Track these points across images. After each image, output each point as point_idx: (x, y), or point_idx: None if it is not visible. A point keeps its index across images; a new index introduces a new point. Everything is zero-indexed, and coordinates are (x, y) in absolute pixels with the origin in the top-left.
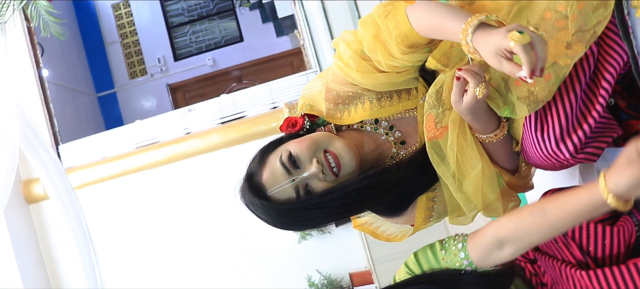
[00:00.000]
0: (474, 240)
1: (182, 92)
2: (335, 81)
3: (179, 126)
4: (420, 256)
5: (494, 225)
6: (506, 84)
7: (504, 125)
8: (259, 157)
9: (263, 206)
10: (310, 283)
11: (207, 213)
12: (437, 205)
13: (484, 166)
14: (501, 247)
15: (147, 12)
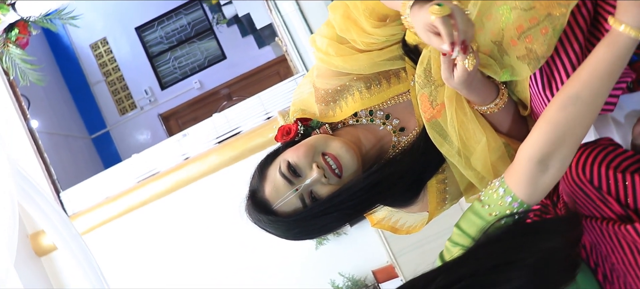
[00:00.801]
0: (513, 176)
1: (175, 119)
2: (321, 76)
3: (177, 153)
4: (463, 225)
5: (527, 149)
6: (501, 47)
7: (504, 92)
8: (258, 172)
9: (271, 222)
10: (335, 288)
11: (219, 234)
12: (449, 186)
13: (489, 139)
14: (546, 167)
15: (126, 47)
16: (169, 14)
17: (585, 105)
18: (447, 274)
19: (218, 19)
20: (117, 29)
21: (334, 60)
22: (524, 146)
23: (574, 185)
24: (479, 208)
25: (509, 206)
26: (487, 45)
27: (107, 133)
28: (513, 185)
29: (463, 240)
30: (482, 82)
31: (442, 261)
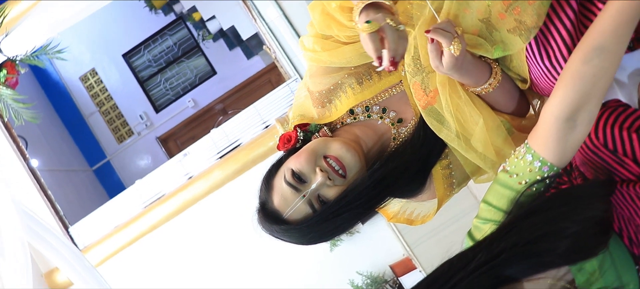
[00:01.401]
0: (539, 139)
1: (173, 140)
2: (313, 76)
3: (180, 173)
4: (492, 199)
5: (554, 108)
6: (489, 24)
7: (497, 71)
8: (265, 184)
9: (284, 231)
10: (355, 287)
11: (232, 247)
12: (455, 171)
13: (486, 119)
14: (575, 125)
15: (115, 74)
16: (154, 37)
17: (610, 54)
18: (488, 249)
19: (203, 35)
20: (105, 58)
21: (321, 56)
22: (549, 106)
23: (588, 151)
24: (507, 179)
25: (539, 171)
26: (474, 25)
27: (107, 163)
28: (540, 149)
29: (494, 215)
30: (472, 63)
31: (472, 240)
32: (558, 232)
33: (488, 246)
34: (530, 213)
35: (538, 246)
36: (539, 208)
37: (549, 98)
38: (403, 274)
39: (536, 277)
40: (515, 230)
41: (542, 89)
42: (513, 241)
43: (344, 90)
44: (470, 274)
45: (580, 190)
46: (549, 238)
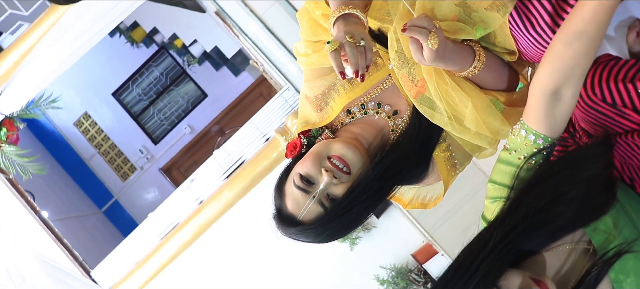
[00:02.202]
0: (530, 115)
1: (176, 169)
2: (307, 81)
3: (190, 199)
4: (496, 178)
5: (538, 84)
6: (466, 6)
7: (480, 53)
8: (277, 192)
9: (301, 232)
10: (381, 282)
11: (255, 261)
12: (455, 152)
13: (474, 101)
14: (559, 97)
15: (108, 114)
16: (140, 71)
17: (589, 39)
18: (502, 226)
19: (188, 60)
20: (95, 100)
21: (313, 58)
22: (534, 82)
23: (589, 108)
24: (507, 156)
25: (534, 144)
26: (452, 11)
27: (115, 203)
28: (532, 123)
29: (499, 192)
30: (455, 51)
31: (486, 221)
32: (562, 196)
33: (501, 224)
34: (534, 184)
35: (547, 214)
36: (540, 178)
37: (534, 75)
38: (426, 260)
39: (554, 246)
40: (523, 203)
41: (531, 57)
42: (522, 214)
43: (336, 90)
44: (489, 254)
45: (577, 153)
46: (555, 204)
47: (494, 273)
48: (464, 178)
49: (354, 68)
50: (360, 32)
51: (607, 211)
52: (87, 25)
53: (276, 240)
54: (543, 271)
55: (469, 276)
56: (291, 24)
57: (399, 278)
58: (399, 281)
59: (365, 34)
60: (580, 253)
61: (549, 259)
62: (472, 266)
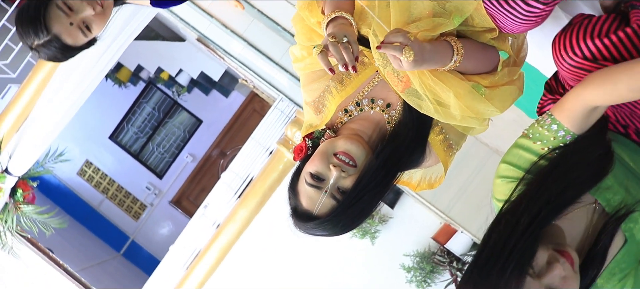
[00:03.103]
0: (564, 113)
1: (185, 199)
2: (304, 86)
3: (207, 225)
4: (512, 160)
5: (585, 95)
6: (442, 3)
7: (458, 47)
8: (291, 192)
9: (318, 226)
10: (407, 269)
11: (283, 272)
12: (448, 133)
13: (456, 90)
14: (598, 110)
15: (109, 158)
16: (132, 109)
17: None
18: (528, 210)
19: (177, 90)
20: (94, 147)
21: (308, 61)
22: (583, 92)
23: (573, 69)
24: (530, 144)
25: (562, 139)
26: (427, 7)
27: (133, 243)
28: (566, 122)
29: (513, 173)
30: (433, 52)
31: (498, 201)
32: (575, 181)
33: (527, 208)
34: (552, 171)
35: (565, 197)
36: (557, 165)
37: (586, 86)
38: (447, 240)
39: (565, 213)
40: (545, 189)
41: (511, 30)
42: (546, 199)
43: (330, 91)
44: (521, 237)
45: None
46: (571, 187)
47: (528, 254)
48: (468, 154)
49: (341, 63)
50: (343, 31)
51: (608, 172)
52: (82, 75)
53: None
54: (563, 240)
55: (505, 260)
56: (273, 37)
57: (424, 263)
58: (424, 266)
59: (348, 31)
60: (588, 213)
61: (563, 227)
62: (506, 251)
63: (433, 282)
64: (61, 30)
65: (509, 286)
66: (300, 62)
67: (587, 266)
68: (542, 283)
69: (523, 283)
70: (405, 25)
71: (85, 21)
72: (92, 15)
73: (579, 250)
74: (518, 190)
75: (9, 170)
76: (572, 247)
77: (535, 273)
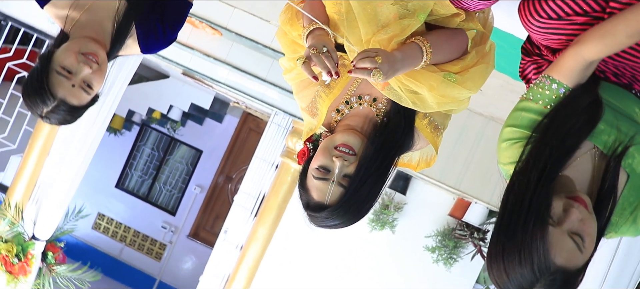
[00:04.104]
0: (562, 71)
1: (202, 230)
2: (297, 94)
3: (230, 248)
4: (516, 122)
5: (583, 51)
6: (401, 2)
7: (426, 47)
8: (301, 189)
9: (331, 214)
10: (431, 250)
11: (314, 278)
12: (433, 117)
13: (429, 84)
14: (594, 63)
15: (119, 206)
16: (132, 154)
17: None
18: (536, 166)
19: (172, 126)
20: (103, 199)
21: (296, 72)
22: (580, 49)
23: (542, 30)
24: (531, 105)
25: (558, 93)
26: (392, 11)
27: (160, 284)
28: (565, 79)
29: (517, 134)
30: (403, 60)
31: (505, 165)
32: (571, 129)
33: (534, 164)
34: (549, 125)
35: (565, 146)
36: (554, 119)
37: (582, 44)
38: (463, 214)
39: (569, 163)
40: (546, 143)
41: (477, 7)
42: (548, 152)
43: (319, 95)
44: (534, 192)
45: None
46: (568, 136)
47: (545, 206)
48: (466, 126)
49: (325, 71)
50: (322, 41)
51: (600, 117)
52: (85, 132)
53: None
54: (573, 187)
55: (525, 216)
56: (255, 55)
57: (446, 240)
58: (447, 243)
59: (327, 41)
60: (591, 158)
61: (571, 176)
62: (524, 208)
63: (459, 257)
64: (65, 94)
65: (534, 239)
66: (289, 73)
67: (600, 207)
68: (563, 229)
69: (547, 233)
70: (377, 32)
71: (85, 80)
72: (91, 73)
73: (590, 194)
74: (526, 150)
75: (36, 235)
76: (583, 192)
77: (555, 222)
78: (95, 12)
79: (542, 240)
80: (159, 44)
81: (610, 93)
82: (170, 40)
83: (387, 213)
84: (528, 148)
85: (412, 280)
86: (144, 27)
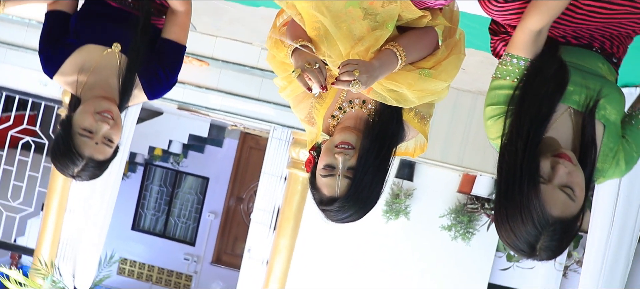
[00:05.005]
0: (517, 46)
1: (224, 254)
2: (294, 108)
3: (256, 265)
4: (493, 100)
5: (529, 24)
6: (369, 15)
7: (400, 52)
8: (313, 190)
9: (344, 205)
10: (448, 228)
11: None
12: (418, 108)
13: (407, 82)
14: (542, 32)
15: (139, 247)
16: (142, 194)
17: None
18: (519, 135)
19: (175, 160)
20: (121, 243)
21: (290, 88)
22: (526, 24)
23: (502, 13)
24: (502, 82)
25: (521, 67)
26: (364, 26)
27: None
28: (522, 52)
29: (498, 110)
30: (381, 67)
31: (495, 138)
32: (545, 96)
33: (518, 134)
34: (525, 96)
35: (542, 112)
36: (527, 90)
37: (526, 18)
38: (471, 188)
39: (550, 125)
40: (524, 112)
41: (437, 5)
42: (529, 119)
43: (314, 106)
44: (523, 158)
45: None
46: (543, 102)
47: (532, 169)
48: (457, 105)
49: (317, 83)
50: (313, 58)
51: (568, 80)
52: (104, 182)
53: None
54: (558, 146)
55: (519, 180)
56: (245, 77)
57: (460, 216)
58: (461, 218)
59: (317, 57)
60: (567, 117)
61: (554, 137)
62: (517, 173)
63: (475, 230)
64: (92, 152)
65: (530, 199)
66: (284, 90)
67: (584, 158)
68: (554, 184)
69: (540, 192)
70: (354, 45)
71: (106, 136)
72: (109, 129)
73: (573, 149)
74: (508, 123)
75: (77, 287)
76: (567, 148)
77: (545, 180)
78: (100, 72)
79: (537, 198)
80: (162, 88)
81: (574, 55)
82: (172, 83)
83: (398, 201)
84: (508, 121)
85: (435, 261)
86: (146, 76)
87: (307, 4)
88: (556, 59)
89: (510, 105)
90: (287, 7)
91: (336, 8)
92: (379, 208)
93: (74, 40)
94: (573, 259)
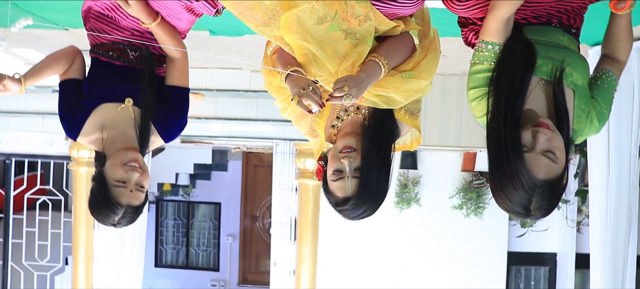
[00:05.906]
0: (489, 33)
1: (249, 272)
2: (297, 125)
3: (284, 276)
4: (474, 84)
5: (498, 13)
6: (349, 33)
7: (382, 62)
8: (327, 194)
9: (357, 202)
10: (459, 207)
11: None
12: (407, 106)
13: (392, 86)
14: (510, 18)
15: (165, 282)
16: (158, 230)
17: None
18: (499, 113)
19: (184, 191)
20: (147, 282)
21: (290, 109)
22: (496, 12)
23: (466, 10)
24: (480, 67)
25: (498, 52)
26: (346, 44)
27: None
28: (495, 38)
29: (479, 92)
30: (367, 79)
31: (481, 116)
32: (516, 75)
33: (498, 112)
34: (499, 77)
35: (515, 88)
36: (501, 71)
37: (496, 8)
38: (474, 164)
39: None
40: (500, 92)
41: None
42: (505, 98)
43: (314, 121)
44: (505, 133)
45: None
46: (516, 80)
47: (515, 141)
48: (445, 90)
49: (316, 105)
50: (306, 81)
51: (536, 57)
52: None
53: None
54: (536, 116)
55: (505, 152)
56: (240, 101)
57: (468, 194)
58: (470, 195)
59: (309, 80)
60: (540, 89)
61: (532, 108)
62: (502, 147)
63: (485, 203)
64: (128, 200)
65: (517, 167)
66: (285, 111)
67: (561, 122)
68: (536, 151)
69: (524, 160)
70: (341, 63)
71: (137, 183)
72: (139, 176)
73: (550, 116)
74: (490, 103)
75: None
76: (545, 116)
77: (528, 148)
78: (118, 127)
79: (523, 165)
80: (175, 130)
81: (537, 33)
82: (183, 124)
83: (407, 190)
84: (490, 100)
85: (453, 241)
86: (159, 122)
87: (294, 36)
88: (522, 39)
89: (490, 86)
90: (276, 39)
91: (320, 35)
92: (390, 201)
93: (89, 103)
94: (584, 214)
